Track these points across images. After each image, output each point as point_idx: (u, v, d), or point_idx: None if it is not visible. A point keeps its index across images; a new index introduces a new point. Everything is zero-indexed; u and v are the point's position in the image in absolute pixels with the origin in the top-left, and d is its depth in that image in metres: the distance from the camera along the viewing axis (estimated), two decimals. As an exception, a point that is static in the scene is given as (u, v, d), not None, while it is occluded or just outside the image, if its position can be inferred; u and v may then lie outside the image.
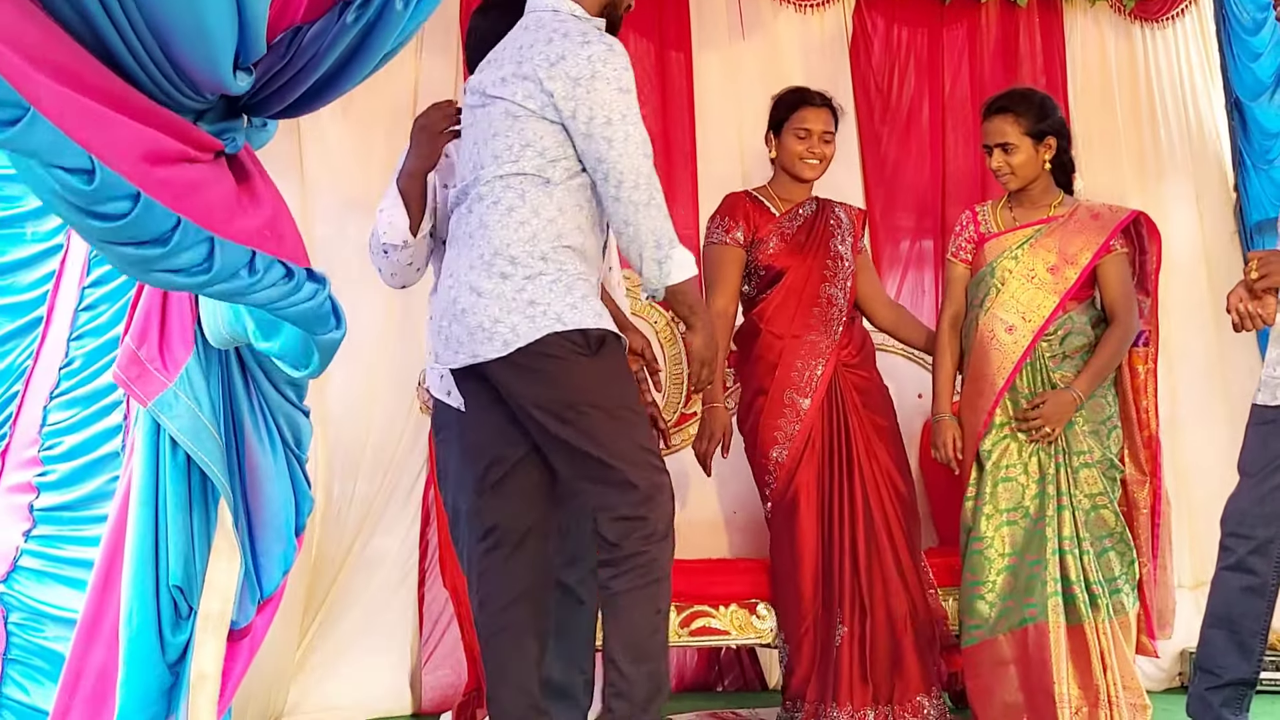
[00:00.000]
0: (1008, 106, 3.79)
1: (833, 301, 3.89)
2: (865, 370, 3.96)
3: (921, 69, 5.02)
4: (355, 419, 4.28)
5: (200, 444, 2.51)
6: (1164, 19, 5.19)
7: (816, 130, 3.87)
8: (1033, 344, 3.74)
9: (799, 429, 3.80)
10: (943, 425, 3.87)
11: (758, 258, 3.91)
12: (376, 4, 2.25)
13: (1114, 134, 5.08)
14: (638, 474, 2.78)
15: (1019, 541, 3.70)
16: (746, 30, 4.79)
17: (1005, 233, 3.84)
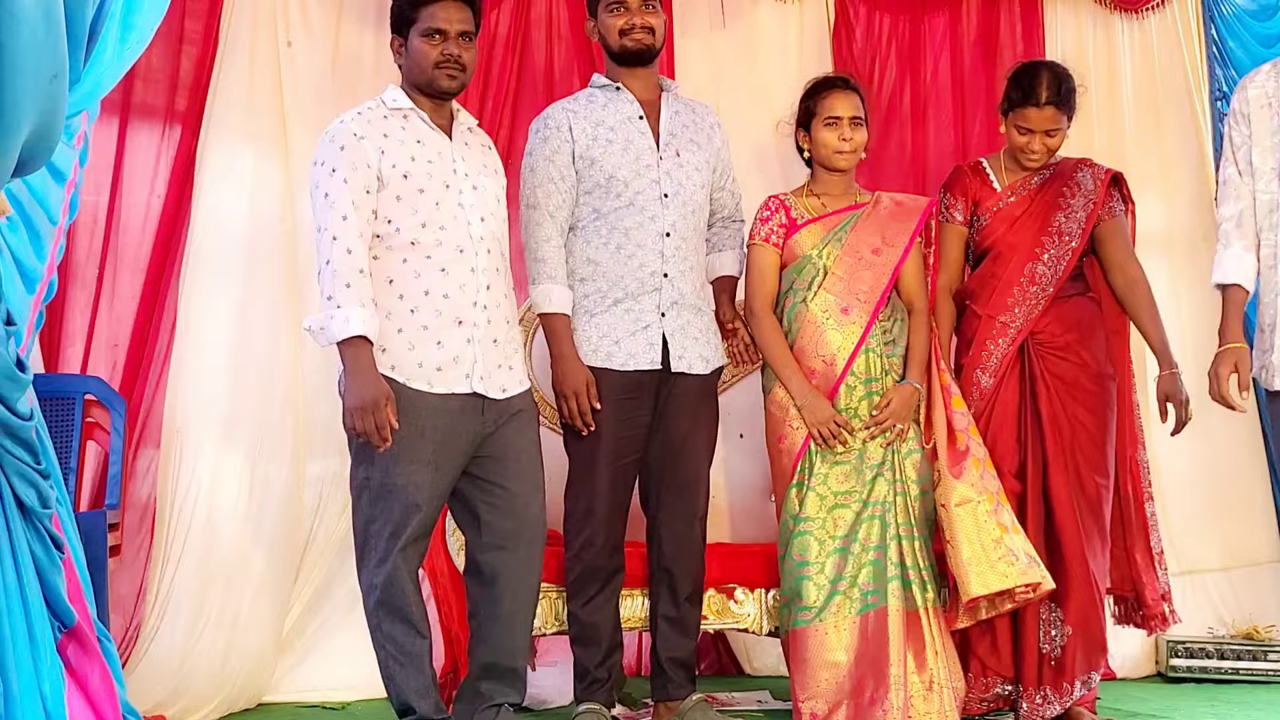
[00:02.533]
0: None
1: (1036, 279, 3.83)
2: (1074, 354, 3.82)
3: (903, 58, 5.03)
4: (333, 398, 4.26)
5: None
6: (1144, 10, 5.20)
7: (1039, 129, 3.82)
8: (870, 324, 3.73)
9: (979, 408, 3.80)
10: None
11: (973, 233, 3.94)
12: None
13: (1089, 124, 5.09)
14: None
15: (847, 525, 3.67)
16: (727, 19, 4.80)
17: (821, 218, 3.81)
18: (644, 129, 3.71)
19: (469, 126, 3.52)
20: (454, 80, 3.38)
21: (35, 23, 2.07)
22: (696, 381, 3.71)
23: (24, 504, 2.54)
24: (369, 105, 3.39)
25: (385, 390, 3.15)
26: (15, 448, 2.56)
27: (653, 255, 3.65)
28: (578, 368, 3.59)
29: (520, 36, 4.61)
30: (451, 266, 3.28)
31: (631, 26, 3.67)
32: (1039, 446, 3.78)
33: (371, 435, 3.13)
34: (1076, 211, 3.86)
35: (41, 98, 2.12)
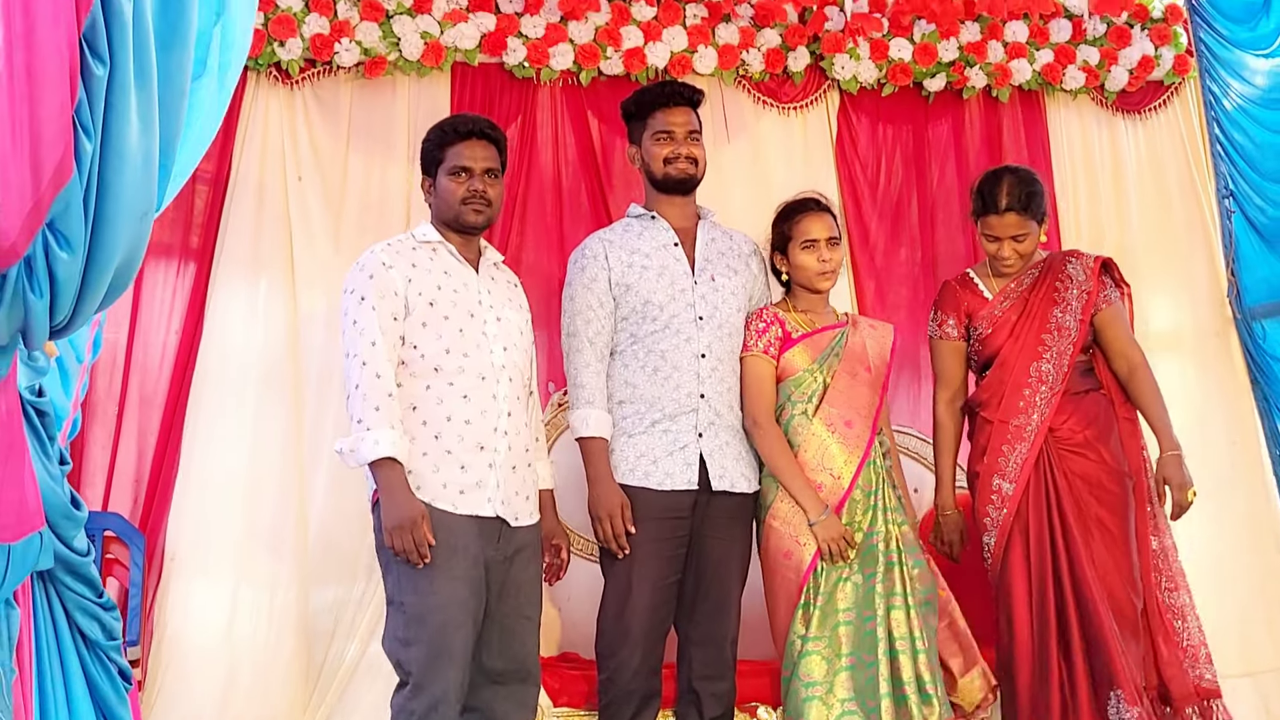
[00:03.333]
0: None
1: (1044, 378, 3.83)
2: (1093, 452, 3.82)
3: (908, 163, 5.07)
4: (344, 523, 4.28)
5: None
6: (1146, 110, 5.26)
7: (1005, 236, 3.87)
8: (872, 438, 3.74)
9: (1004, 515, 3.78)
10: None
11: (973, 344, 3.97)
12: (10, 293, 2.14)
13: (1099, 224, 5.13)
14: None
15: (852, 640, 3.63)
16: (731, 133, 4.87)
17: (813, 334, 3.81)
18: (679, 255, 3.78)
19: (495, 262, 3.61)
20: (480, 215, 3.47)
21: (137, 163, 2.15)
22: (736, 501, 3.72)
23: (88, 638, 2.59)
24: (399, 238, 3.50)
25: (420, 508, 3.18)
26: (76, 583, 2.64)
27: (689, 377, 3.69)
28: (613, 490, 3.61)
29: (528, 158, 4.69)
30: (474, 393, 3.33)
31: (676, 156, 3.78)
32: (1067, 550, 3.74)
33: (410, 552, 3.15)
34: (1072, 304, 3.87)
35: (132, 235, 2.20)
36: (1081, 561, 3.72)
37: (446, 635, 3.20)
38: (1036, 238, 3.92)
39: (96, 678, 2.68)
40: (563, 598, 4.37)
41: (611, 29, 4.69)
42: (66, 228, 2.14)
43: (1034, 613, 3.75)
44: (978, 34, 5.03)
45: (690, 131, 3.80)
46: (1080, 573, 3.72)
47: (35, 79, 1.98)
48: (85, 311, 2.23)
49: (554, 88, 4.74)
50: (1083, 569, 3.71)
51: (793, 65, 4.91)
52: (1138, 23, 5.21)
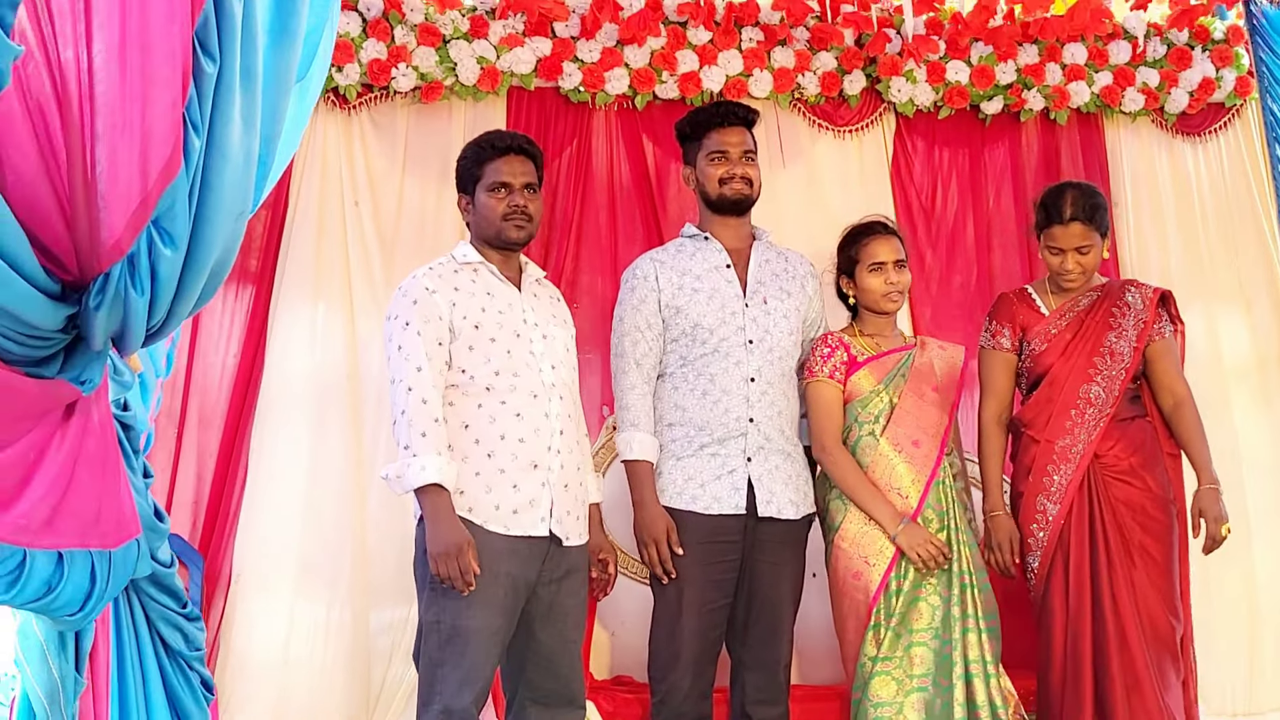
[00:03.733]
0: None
1: (1093, 401, 3.80)
2: (1138, 479, 3.79)
3: (964, 187, 5.03)
4: (399, 545, 4.23)
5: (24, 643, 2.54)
6: (1206, 132, 5.20)
7: (1069, 246, 3.85)
8: (940, 458, 3.72)
9: (1048, 535, 3.75)
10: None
11: (1024, 360, 3.93)
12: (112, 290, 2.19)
13: (1158, 247, 5.08)
14: None
15: (927, 663, 3.61)
16: (787, 158, 4.86)
17: (879, 357, 3.81)
18: (730, 277, 3.78)
19: (537, 278, 3.60)
20: (521, 230, 3.47)
21: (239, 161, 2.18)
22: (784, 527, 3.70)
23: (171, 648, 2.64)
24: (440, 261, 3.49)
25: (466, 536, 3.19)
26: (160, 594, 2.70)
27: (738, 400, 3.68)
28: (658, 514, 3.61)
29: (582, 182, 4.71)
30: (526, 411, 3.33)
31: (732, 176, 3.78)
32: (1110, 579, 3.70)
33: (455, 580, 3.16)
34: (1128, 331, 3.84)
35: (229, 234, 2.24)
36: (1121, 593, 3.68)
37: (478, 660, 3.21)
38: (1100, 252, 3.90)
39: (178, 689, 2.71)
40: (616, 621, 4.38)
41: (667, 53, 4.69)
42: (171, 224, 2.16)
43: (1069, 641, 3.71)
44: (1036, 56, 4.99)
45: (745, 151, 3.80)
46: (1120, 607, 3.68)
47: (149, 77, 2.01)
48: (180, 312, 2.27)
49: (609, 112, 4.76)
50: (1122, 602, 3.68)
51: (849, 88, 4.89)
52: (1199, 44, 5.15)
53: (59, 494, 2.27)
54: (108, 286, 2.17)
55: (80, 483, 2.31)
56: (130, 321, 2.21)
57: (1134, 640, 3.65)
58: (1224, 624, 4.77)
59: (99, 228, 2.10)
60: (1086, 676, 3.66)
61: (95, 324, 2.20)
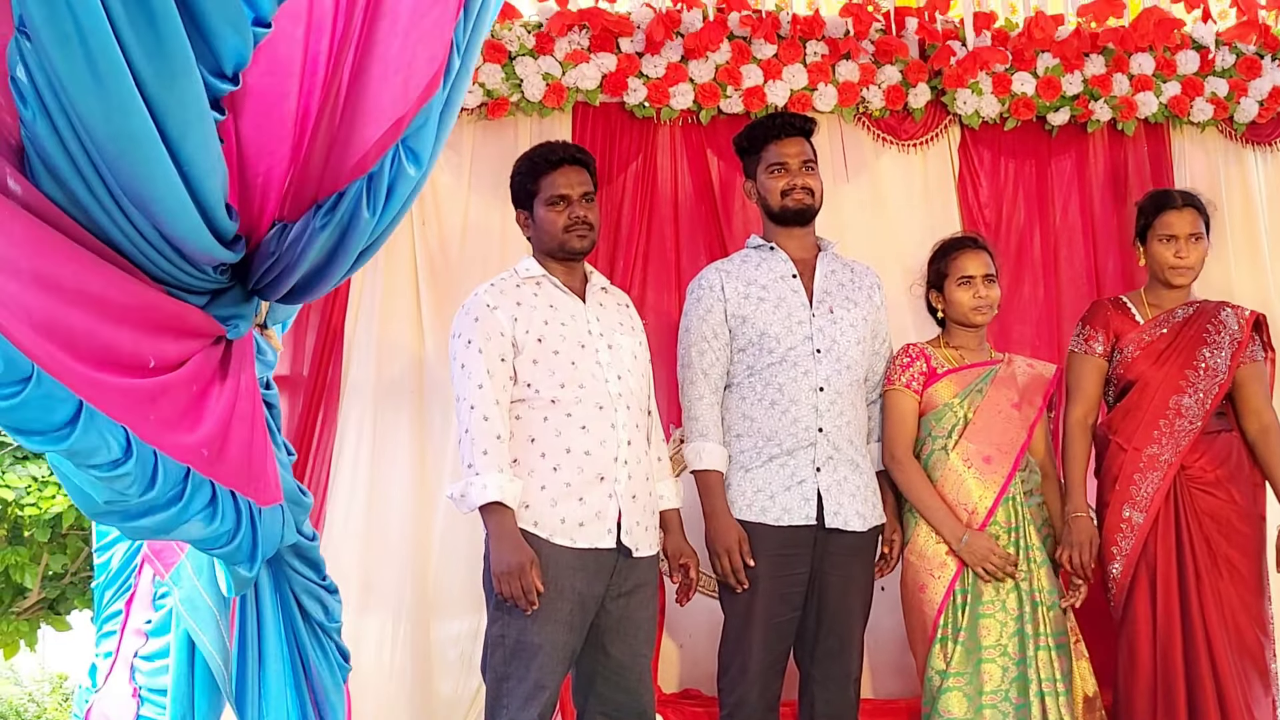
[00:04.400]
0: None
1: (1183, 413, 3.78)
2: (1224, 491, 3.76)
3: (1030, 199, 4.99)
4: (467, 557, 4.21)
5: (195, 614, 2.61)
6: (1275, 141, 5.14)
7: (1182, 234, 3.86)
8: (1011, 474, 3.70)
9: (1133, 545, 3.72)
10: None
11: (1115, 366, 3.91)
12: (344, 210, 2.30)
13: (1225, 258, 5.02)
14: None
15: (996, 679, 3.60)
16: (850, 172, 4.85)
17: (960, 369, 3.82)
18: (796, 287, 3.77)
19: (602, 286, 3.62)
20: (584, 240, 3.49)
21: (464, 86, 2.31)
22: (852, 539, 3.69)
23: (311, 619, 2.71)
24: (502, 276, 3.52)
25: (530, 554, 3.20)
26: (303, 566, 2.77)
27: (807, 410, 3.67)
28: (730, 524, 3.61)
29: (649, 197, 4.72)
30: (592, 424, 3.35)
31: (792, 187, 3.78)
32: (1198, 593, 3.66)
33: (519, 599, 3.18)
34: (1223, 348, 3.81)
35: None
36: (1209, 606, 3.65)
37: (544, 675, 3.23)
38: (1204, 253, 3.91)
39: (315, 659, 2.76)
40: (684, 634, 4.39)
41: (731, 68, 4.70)
42: (418, 143, 2.24)
43: (1158, 655, 3.67)
44: (1102, 67, 4.96)
45: (805, 161, 3.80)
46: (1209, 619, 3.64)
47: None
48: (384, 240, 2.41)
49: (674, 127, 4.76)
50: (1210, 614, 3.64)
51: (913, 101, 4.87)
52: (1268, 53, 5.09)
53: (221, 436, 2.34)
54: (341, 202, 2.24)
55: (236, 435, 2.39)
56: (350, 241, 2.29)
57: (1222, 654, 3.62)
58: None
59: (346, 145, 2.18)
60: (1180, 689, 3.63)
61: (312, 246, 2.29)
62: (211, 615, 2.73)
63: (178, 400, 2.21)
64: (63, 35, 1.75)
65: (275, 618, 2.74)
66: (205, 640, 2.72)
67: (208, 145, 2.03)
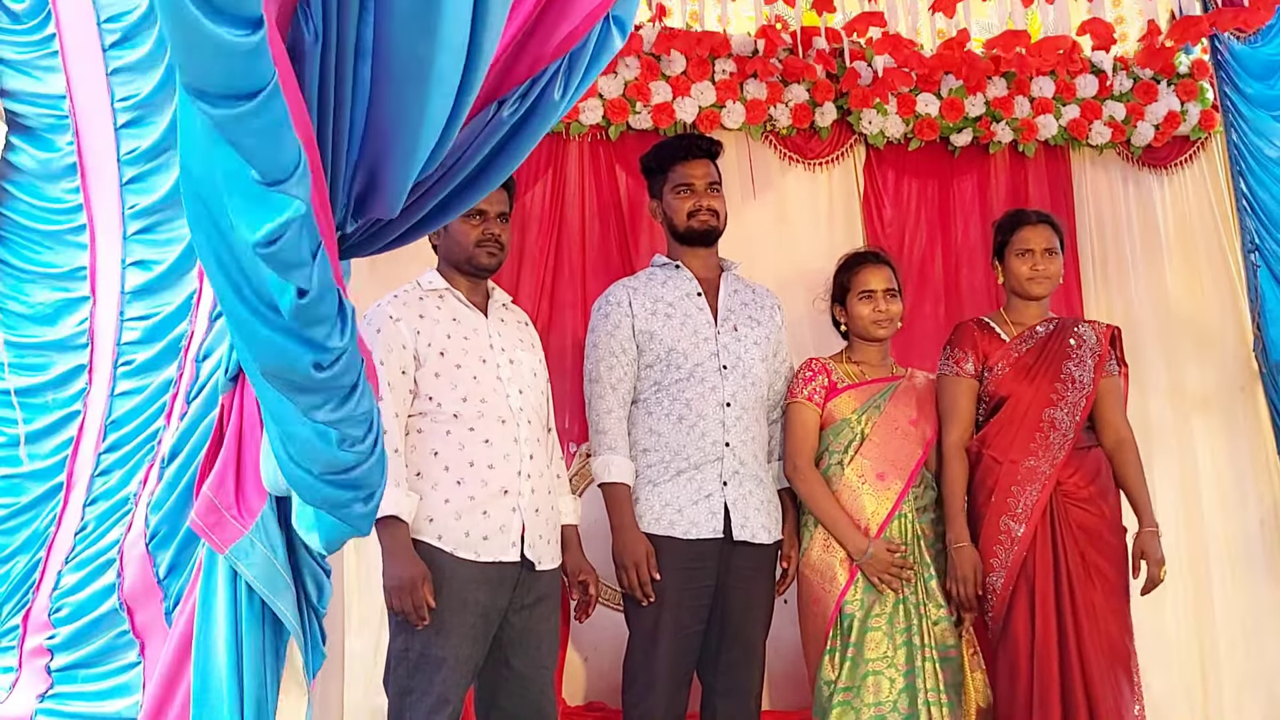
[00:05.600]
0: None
1: (1056, 425, 3.83)
2: (1095, 507, 3.82)
3: (933, 218, 5.08)
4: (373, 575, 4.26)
5: (274, 589, 2.53)
6: (1173, 165, 5.28)
7: (1038, 248, 3.94)
8: (905, 490, 3.78)
9: (1013, 556, 3.75)
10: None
11: (986, 385, 3.94)
12: (535, 93, 2.17)
13: (1124, 277, 5.14)
14: None
15: (884, 691, 3.66)
16: (757, 189, 4.89)
17: (860, 385, 3.89)
18: (702, 305, 3.82)
19: (504, 303, 3.62)
20: (494, 258, 3.50)
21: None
22: (757, 552, 3.74)
23: (309, 600, 2.62)
24: (405, 288, 3.51)
25: (423, 570, 3.19)
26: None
27: (714, 425, 3.71)
28: (637, 538, 3.63)
29: (558, 213, 4.72)
30: (495, 438, 3.35)
31: (698, 209, 3.83)
32: (1072, 599, 3.75)
33: (410, 614, 3.17)
34: (1085, 360, 3.91)
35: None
36: (1082, 616, 3.73)
37: (448, 688, 3.22)
38: (1060, 268, 4.02)
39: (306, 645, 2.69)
40: (589, 646, 4.40)
41: (640, 84, 4.73)
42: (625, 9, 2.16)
43: (1035, 666, 3.72)
44: (1004, 89, 5.06)
45: (710, 183, 3.85)
46: (1082, 629, 3.72)
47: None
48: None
49: (583, 142, 4.78)
50: (1083, 624, 3.72)
51: (820, 120, 4.94)
52: (1164, 78, 5.23)
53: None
54: (531, 90, 2.14)
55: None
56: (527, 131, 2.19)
57: (1095, 662, 3.70)
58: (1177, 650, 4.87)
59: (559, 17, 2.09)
60: (1054, 698, 3.69)
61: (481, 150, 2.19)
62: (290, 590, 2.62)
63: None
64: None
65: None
66: (289, 616, 2.62)
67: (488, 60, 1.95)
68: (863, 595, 3.72)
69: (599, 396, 3.75)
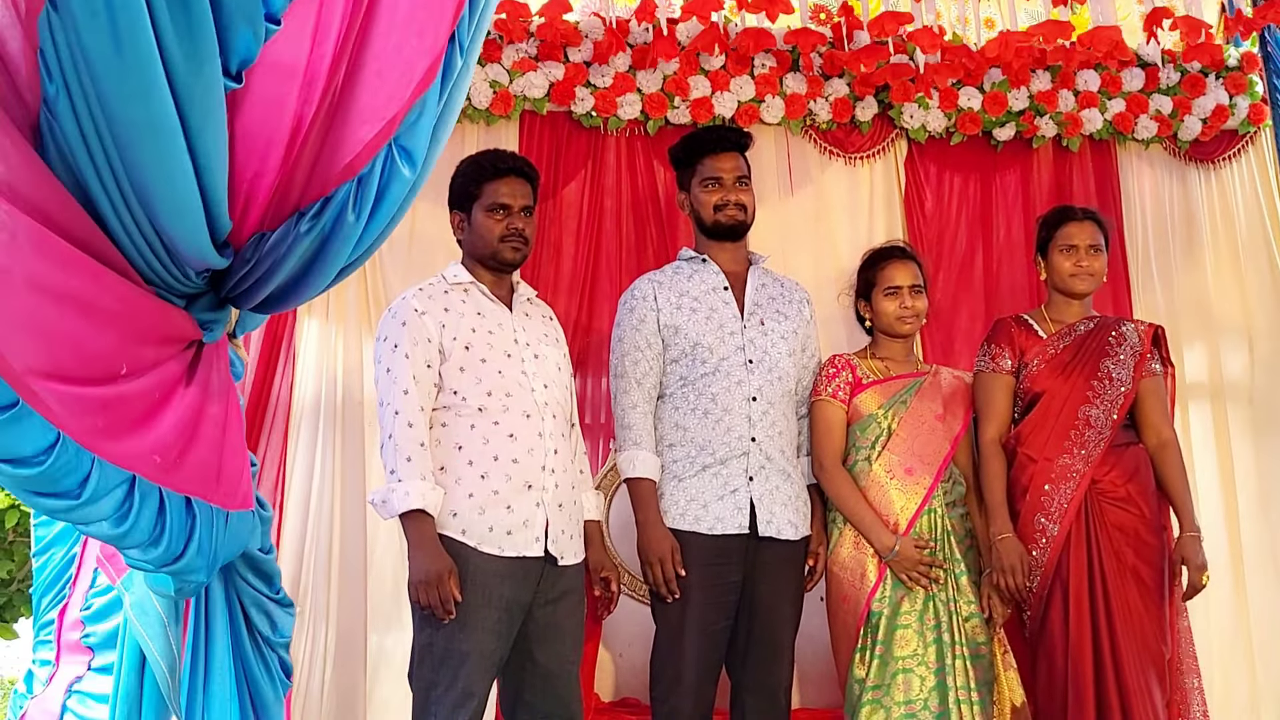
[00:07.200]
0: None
1: (1091, 423, 3.79)
2: (1133, 506, 3.76)
3: (975, 214, 5.02)
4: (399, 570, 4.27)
5: (144, 619, 2.56)
6: (1219, 159, 5.20)
7: (1083, 245, 3.91)
8: (934, 485, 3.74)
9: (1049, 555, 3.71)
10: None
11: (1021, 381, 3.92)
12: (329, 215, 2.24)
13: (1169, 273, 5.07)
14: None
15: (915, 689, 3.62)
16: (796, 185, 4.86)
17: (886, 380, 3.86)
18: (728, 299, 3.79)
19: (529, 298, 3.62)
20: (518, 253, 3.49)
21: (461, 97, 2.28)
22: (784, 548, 3.71)
23: (258, 633, 2.65)
24: (430, 281, 3.51)
25: (449, 563, 3.19)
26: (254, 578, 2.73)
27: (740, 420, 3.69)
28: (662, 534, 3.61)
29: (597, 207, 4.72)
30: (519, 432, 3.35)
31: (726, 203, 3.80)
32: (1106, 599, 3.70)
33: (436, 608, 3.17)
34: (1125, 360, 3.85)
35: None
36: (1117, 616, 3.67)
37: (472, 683, 3.21)
38: (1104, 265, 3.96)
39: (258, 674, 2.71)
40: (622, 643, 4.40)
41: (679, 79, 4.72)
42: (412, 141, 2.18)
43: (1069, 666, 3.68)
44: (1048, 83, 5.00)
45: (739, 177, 3.82)
46: (1117, 629, 3.67)
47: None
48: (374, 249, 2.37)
49: (621, 137, 4.78)
50: (1118, 624, 3.67)
51: (860, 115, 4.90)
52: (1213, 71, 5.15)
53: (185, 441, 2.28)
54: (325, 210, 2.19)
55: (205, 437, 2.32)
56: (337, 245, 2.23)
57: (1129, 663, 3.64)
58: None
59: (337, 146, 2.13)
60: (1089, 699, 3.65)
61: (292, 254, 2.22)
62: (160, 623, 2.68)
63: (132, 408, 2.16)
64: (92, 8, 1.69)
65: (224, 628, 2.69)
66: (153, 648, 2.69)
67: (220, 137, 1.97)
68: (892, 593, 3.69)
69: (624, 391, 3.74)
